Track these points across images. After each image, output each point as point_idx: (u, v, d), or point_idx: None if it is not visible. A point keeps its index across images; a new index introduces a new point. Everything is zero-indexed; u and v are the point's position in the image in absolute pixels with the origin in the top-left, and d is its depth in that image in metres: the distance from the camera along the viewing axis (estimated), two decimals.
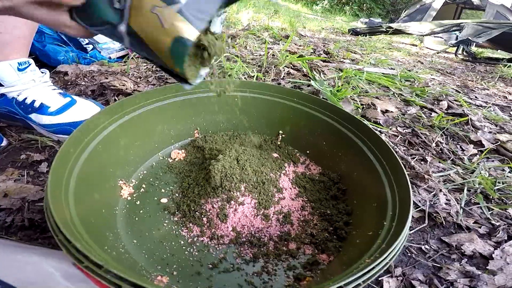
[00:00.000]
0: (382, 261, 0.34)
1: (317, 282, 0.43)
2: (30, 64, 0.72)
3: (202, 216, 0.53)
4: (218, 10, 0.35)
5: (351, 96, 1.13)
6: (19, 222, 0.53)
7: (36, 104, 0.72)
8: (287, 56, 1.40)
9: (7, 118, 0.77)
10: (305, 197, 0.60)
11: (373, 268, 0.33)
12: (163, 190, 0.55)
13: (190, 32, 0.32)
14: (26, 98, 0.72)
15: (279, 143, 0.75)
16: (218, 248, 0.50)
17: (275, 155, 0.70)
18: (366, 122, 0.98)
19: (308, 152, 0.73)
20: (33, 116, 0.73)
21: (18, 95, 0.72)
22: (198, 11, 0.33)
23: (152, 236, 0.51)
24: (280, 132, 0.76)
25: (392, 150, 0.56)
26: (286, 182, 0.61)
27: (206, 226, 0.53)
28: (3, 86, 0.71)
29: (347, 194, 0.60)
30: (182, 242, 0.50)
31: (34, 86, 0.73)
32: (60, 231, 0.31)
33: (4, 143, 0.72)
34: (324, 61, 1.61)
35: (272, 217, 0.55)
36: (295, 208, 0.58)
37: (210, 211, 0.54)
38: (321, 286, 0.31)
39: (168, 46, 0.33)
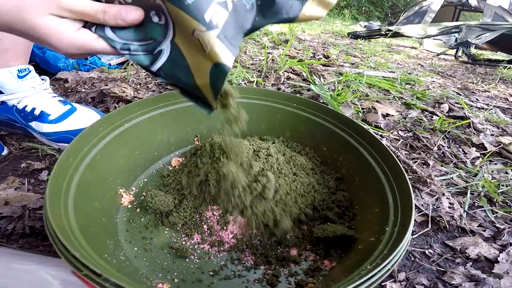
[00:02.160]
0: (384, 267, 0.34)
1: None
2: (30, 71, 0.72)
3: (203, 223, 0.53)
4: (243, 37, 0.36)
5: (351, 100, 1.13)
6: (20, 229, 0.53)
7: (36, 112, 0.72)
8: (287, 60, 1.41)
9: (7, 126, 0.77)
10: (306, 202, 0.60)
11: (375, 274, 0.33)
12: (163, 198, 0.55)
13: (228, 58, 0.33)
14: (26, 106, 0.72)
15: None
16: (219, 255, 0.49)
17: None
18: (366, 126, 0.97)
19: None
20: (34, 124, 0.73)
21: (18, 103, 0.73)
22: (231, 37, 0.33)
23: (153, 244, 0.51)
24: (281, 138, 0.75)
25: (393, 154, 0.55)
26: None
27: (206, 233, 0.52)
28: (3, 93, 0.72)
29: (348, 200, 0.60)
30: (182, 249, 0.50)
31: (34, 94, 0.73)
32: (59, 240, 0.31)
33: (5, 151, 0.72)
34: (323, 65, 1.61)
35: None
36: None
37: (211, 218, 0.53)
38: None
39: (208, 70, 0.33)
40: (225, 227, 0.52)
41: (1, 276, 0.29)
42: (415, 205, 0.69)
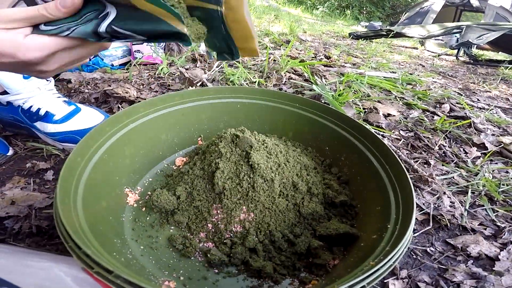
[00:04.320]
0: (386, 263, 0.34)
1: (322, 285, 0.43)
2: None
3: (208, 221, 0.54)
4: None
5: (353, 101, 1.14)
6: (26, 229, 0.54)
7: (41, 112, 0.73)
8: (288, 61, 1.41)
9: (12, 127, 0.78)
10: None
11: (377, 270, 0.33)
12: (168, 197, 0.56)
13: None
14: (31, 106, 0.73)
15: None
16: (224, 253, 0.50)
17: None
18: (368, 126, 0.98)
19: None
20: (38, 124, 0.73)
21: (23, 103, 0.73)
22: None
23: (159, 242, 0.51)
24: (284, 138, 0.76)
25: (394, 153, 0.56)
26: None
27: (211, 231, 0.53)
28: (9, 94, 0.72)
29: (351, 198, 0.61)
30: (188, 248, 0.50)
31: (40, 94, 0.74)
32: (71, 238, 0.31)
33: (10, 152, 0.73)
34: (325, 65, 1.62)
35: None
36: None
37: (215, 216, 0.54)
38: None
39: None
40: (229, 225, 0.53)
41: (20, 273, 0.30)
42: (417, 203, 0.70)
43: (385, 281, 0.52)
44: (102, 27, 0.35)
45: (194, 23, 0.37)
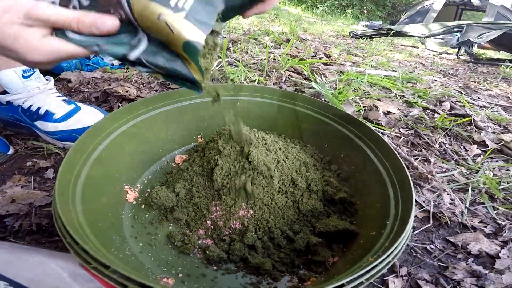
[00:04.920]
0: (384, 259, 0.34)
1: (321, 282, 0.43)
2: (34, 72, 0.73)
3: (207, 218, 0.54)
4: (215, 21, 0.37)
5: (352, 99, 1.14)
6: (26, 226, 0.54)
7: (41, 112, 0.73)
8: (288, 60, 1.41)
9: (13, 126, 0.78)
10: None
11: (376, 266, 0.33)
12: (167, 194, 0.56)
13: (197, 36, 0.34)
14: (31, 106, 0.73)
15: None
16: (222, 250, 0.50)
17: None
18: (368, 124, 0.98)
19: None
20: (39, 123, 0.74)
21: (23, 103, 0.74)
22: (201, 17, 0.35)
23: (158, 239, 0.51)
24: (283, 135, 0.76)
25: (394, 150, 0.56)
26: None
27: (210, 228, 0.53)
28: (8, 93, 0.73)
29: (350, 195, 0.60)
30: (187, 245, 0.50)
31: (39, 93, 0.74)
32: (69, 234, 0.31)
33: (11, 151, 0.73)
34: (325, 64, 1.62)
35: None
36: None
37: (214, 213, 0.54)
38: (323, 285, 0.31)
39: (182, 49, 0.35)
40: (228, 222, 0.53)
41: (19, 268, 0.30)
42: (417, 201, 0.70)
43: (385, 278, 0.52)
44: (133, 55, 0.36)
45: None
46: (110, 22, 0.34)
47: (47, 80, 0.78)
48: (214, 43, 0.39)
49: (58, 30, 0.35)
